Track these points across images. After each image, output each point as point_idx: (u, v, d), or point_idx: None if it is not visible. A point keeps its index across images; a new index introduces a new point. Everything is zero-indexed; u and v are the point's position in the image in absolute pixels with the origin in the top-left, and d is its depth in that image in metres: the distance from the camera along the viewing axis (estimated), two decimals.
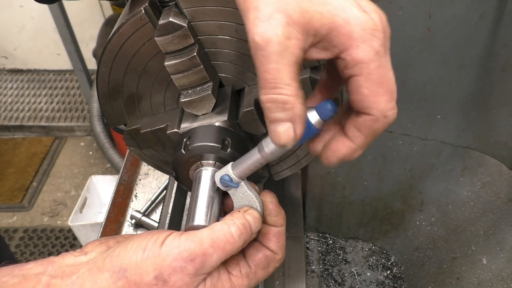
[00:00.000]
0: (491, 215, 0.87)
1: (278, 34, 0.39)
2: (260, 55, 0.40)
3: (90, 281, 0.45)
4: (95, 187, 2.50)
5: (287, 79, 0.40)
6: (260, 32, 0.39)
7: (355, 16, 0.40)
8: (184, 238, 0.46)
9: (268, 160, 0.50)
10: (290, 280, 0.90)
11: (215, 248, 0.46)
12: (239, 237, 0.48)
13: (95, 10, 3.40)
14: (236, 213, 0.51)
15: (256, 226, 0.51)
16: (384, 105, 0.41)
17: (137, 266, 0.45)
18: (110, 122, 0.67)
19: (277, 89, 0.40)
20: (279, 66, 0.40)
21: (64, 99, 3.66)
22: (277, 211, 0.54)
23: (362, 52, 0.40)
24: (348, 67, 0.41)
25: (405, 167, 0.93)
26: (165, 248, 0.46)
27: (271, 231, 0.54)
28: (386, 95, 0.41)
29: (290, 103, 0.41)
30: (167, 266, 0.45)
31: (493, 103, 0.80)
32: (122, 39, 0.56)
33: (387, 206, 1.02)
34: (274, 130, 0.43)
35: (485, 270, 0.83)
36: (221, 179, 0.52)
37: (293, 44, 0.40)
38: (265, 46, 0.39)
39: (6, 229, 2.78)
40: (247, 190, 0.53)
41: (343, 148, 0.46)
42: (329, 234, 1.11)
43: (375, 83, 0.41)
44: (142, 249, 0.46)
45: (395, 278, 1.03)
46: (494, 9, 0.68)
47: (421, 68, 0.76)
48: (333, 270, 1.05)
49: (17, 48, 3.77)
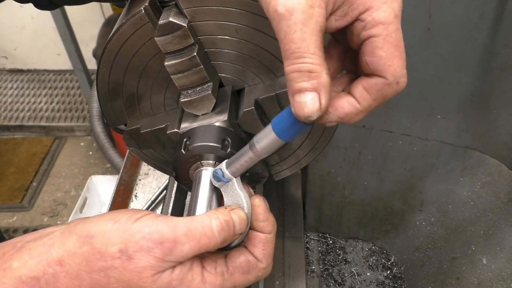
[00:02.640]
0: (491, 215, 0.87)
1: (302, 3, 0.39)
2: (284, 25, 0.40)
3: (59, 242, 0.45)
4: (95, 187, 2.50)
5: (312, 48, 0.39)
6: (284, 2, 0.39)
7: None
8: (159, 220, 0.45)
9: (260, 157, 0.49)
10: (290, 280, 0.90)
11: (189, 237, 0.44)
12: (219, 232, 0.46)
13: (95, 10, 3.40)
14: (222, 209, 0.49)
15: (241, 227, 0.49)
16: (399, 70, 0.41)
17: (104, 235, 0.44)
18: (110, 122, 0.67)
19: (302, 58, 0.40)
20: (305, 35, 0.39)
21: (64, 99, 3.66)
22: (265, 216, 0.52)
23: (383, 13, 0.40)
24: (367, 27, 0.41)
25: (405, 167, 0.93)
26: (137, 224, 0.44)
27: (258, 237, 0.51)
28: (401, 59, 0.41)
29: (316, 71, 0.40)
30: (134, 242, 0.43)
31: (493, 103, 0.80)
32: (122, 39, 0.56)
33: (387, 206, 1.02)
34: (298, 101, 0.41)
35: (485, 270, 0.83)
36: (214, 173, 0.52)
37: (317, 12, 0.39)
38: (289, 15, 0.39)
39: (6, 229, 2.78)
40: (237, 188, 0.52)
41: (347, 106, 0.43)
42: (329, 234, 1.11)
43: (393, 45, 0.40)
44: (114, 221, 0.45)
45: (395, 278, 1.03)
46: (494, 9, 0.68)
47: (421, 68, 0.76)
48: (333, 270, 1.05)
49: (17, 48, 3.77)
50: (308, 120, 0.42)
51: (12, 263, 0.44)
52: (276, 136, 0.46)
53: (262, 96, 0.59)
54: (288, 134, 0.45)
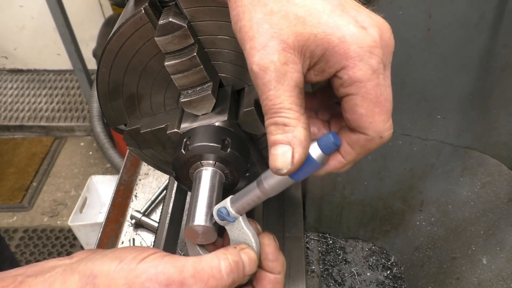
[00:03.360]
0: (491, 215, 0.87)
1: (274, 61, 0.39)
2: (260, 83, 0.40)
3: (60, 281, 0.43)
4: (95, 187, 2.50)
5: (287, 104, 0.40)
6: (257, 61, 0.39)
7: (351, 34, 0.39)
8: (166, 260, 0.43)
9: (268, 195, 0.47)
10: (290, 280, 0.90)
11: (196, 279, 0.42)
12: (227, 274, 0.44)
13: (95, 10, 3.40)
14: (231, 248, 0.47)
15: (251, 268, 0.47)
16: (380, 126, 0.40)
17: (108, 275, 0.42)
18: (110, 122, 0.67)
19: (278, 113, 0.40)
20: (278, 92, 0.39)
21: (64, 99, 3.66)
22: (275, 256, 0.50)
23: (359, 71, 0.39)
24: (344, 85, 0.40)
25: (405, 167, 0.93)
26: (143, 265, 0.43)
27: (267, 277, 0.49)
28: (382, 115, 0.40)
29: (290, 125, 0.40)
30: (139, 284, 0.41)
31: (493, 103, 0.80)
32: (122, 39, 0.56)
33: (387, 206, 1.02)
34: (271, 153, 0.41)
35: (485, 270, 0.83)
36: (218, 212, 0.50)
37: (291, 68, 0.39)
38: (263, 74, 0.39)
39: (6, 229, 2.78)
40: (243, 226, 0.49)
41: (332, 162, 0.44)
42: (329, 234, 1.11)
43: (372, 102, 0.39)
44: (118, 260, 0.43)
45: (395, 278, 1.03)
46: (494, 9, 0.68)
47: (421, 68, 0.76)
48: (333, 270, 1.05)
49: (17, 48, 3.77)
50: (279, 173, 0.41)
51: None
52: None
53: None
54: (299, 174, 0.43)
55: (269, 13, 0.40)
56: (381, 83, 0.40)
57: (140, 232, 1.07)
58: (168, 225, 0.89)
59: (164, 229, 0.88)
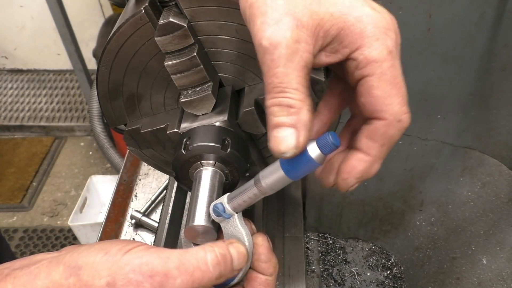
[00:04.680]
0: (491, 215, 0.87)
1: (287, 37, 0.38)
2: (268, 59, 0.39)
3: (45, 272, 0.42)
4: (95, 187, 2.50)
5: (294, 83, 0.38)
6: (268, 35, 0.38)
7: (368, 14, 0.38)
8: (151, 251, 0.42)
9: (265, 194, 0.47)
10: (290, 280, 0.90)
11: (181, 271, 0.41)
12: (213, 266, 0.43)
13: (95, 10, 3.40)
14: (219, 242, 0.46)
15: (239, 262, 0.46)
16: (397, 108, 0.39)
17: (93, 266, 0.41)
18: (110, 122, 0.67)
19: (284, 92, 0.39)
20: (287, 70, 0.38)
21: (64, 99, 3.66)
22: (268, 257, 0.49)
23: (375, 51, 0.38)
24: (360, 67, 0.39)
25: (405, 167, 0.93)
26: (127, 256, 0.42)
27: (258, 279, 0.48)
28: (399, 97, 0.39)
29: (296, 107, 0.39)
30: (122, 275, 0.40)
31: (493, 103, 0.80)
32: (122, 39, 0.56)
33: (387, 206, 1.02)
34: (274, 136, 0.40)
35: (485, 270, 0.83)
36: (214, 208, 0.50)
37: (303, 47, 0.38)
38: (273, 49, 0.38)
39: (6, 229, 2.78)
40: (238, 224, 0.49)
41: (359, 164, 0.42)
42: (329, 234, 1.11)
43: (388, 83, 0.39)
44: (104, 252, 0.42)
45: (395, 278, 1.03)
46: (494, 9, 0.68)
47: (421, 68, 0.76)
48: (333, 270, 1.05)
49: (17, 48, 3.77)
50: (283, 157, 0.40)
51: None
52: (284, 174, 0.44)
53: (262, 96, 0.58)
54: (298, 173, 0.43)
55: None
56: (396, 66, 0.39)
57: (140, 232, 1.07)
58: (168, 225, 0.89)
59: (164, 229, 0.89)
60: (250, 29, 0.41)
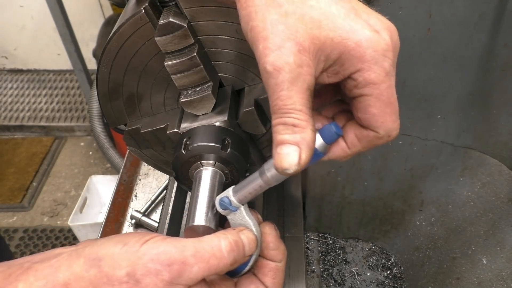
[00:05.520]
0: (491, 215, 0.87)
1: (290, 62, 0.39)
2: (272, 83, 0.40)
3: (66, 265, 0.44)
4: (95, 187, 2.50)
5: (298, 105, 0.40)
6: (271, 61, 0.40)
7: (367, 38, 0.40)
8: (167, 241, 0.44)
9: (270, 185, 0.48)
10: (290, 280, 0.90)
11: (197, 258, 0.43)
12: (228, 253, 0.45)
13: (95, 10, 3.40)
14: (230, 230, 0.49)
15: (250, 248, 0.48)
16: (390, 125, 0.42)
17: (113, 258, 0.43)
18: (110, 122, 0.67)
19: (288, 113, 0.41)
20: (291, 93, 0.40)
21: (64, 99, 3.66)
22: (276, 244, 0.51)
23: (374, 74, 0.40)
24: (359, 87, 0.41)
25: (405, 167, 0.93)
26: (145, 246, 0.44)
27: (268, 265, 0.50)
28: (393, 115, 0.42)
29: (300, 126, 0.41)
30: (142, 265, 0.42)
31: (493, 103, 0.80)
32: (122, 39, 0.56)
33: (387, 206, 1.02)
34: (278, 153, 0.41)
35: (485, 270, 0.83)
36: (220, 201, 0.51)
37: (305, 71, 0.40)
38: (276, 74, 0.40)
39: (6, 229, 2.78)
40: (245, 216, 0.50)
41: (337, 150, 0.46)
42: (329, 234, 1.11)
43: (384, 103, 0.41)
44: (122, 244, 0.44)
45: (395, 278, 1.03)
46: (494, 9, 0.68)
47: (421, 68, 0.76)
48: (333, 270, 1.05)
49: (17, 48, 3.77)
50: (286, 173, 0.42)
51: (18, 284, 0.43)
52: None
53: (262, 96, 0.59)
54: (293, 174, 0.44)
55: (284, 14, 0.40)
56: (392, 85, 0.42)
57: None
58: (168, 225, 0.89)
59: (164, 229, 0.89)
60: (253, 50, 0.42)
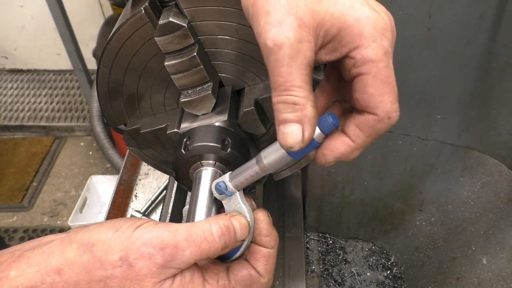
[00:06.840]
0: (491, 215, 0.87)
1: (290, 38, 0.39)
2: (272, 59, 0.40)
3: (58, 251, 0.44)
4: (95, 187, 2.50)
5: (298, 82, 0.40)
6: (272, 36, 0.39)
7: (366, 15, 0.40)
8: (159, 226, 0.45)
9: (266, 172, 0.49)
10: (290, 280, 0.90)
11: (189, 242, 0.44)
12: (219, 237, 0.46)
13: (95, 10, 3.40)
14: (222, 215, 0.49)
15: (242, 234, 0.49)
16: (389, 106, 0.42)
17: (105, 243, 0.44)
18: (110, 122, 0.67)
19: (288, 91, 0.40)
20: (291, 69, 0.40)
21: (64, 99, 3.66)
22: (269, 231, 0.52)
23: (372, 51, 0.40)
24: (357, 65, 0.41)
25: (405, 167, 0.93)
26: (138, 231, 0.44)
27: (260, 251, 0.51)
28: (391, 95, 0.41)
29: (300, 104, 0.41)
30: (135, 249, 0.43)
31: (493, 103, 0.80)
32: (122, 39, 0.56)
33: (387, 206, 1.02)
34: (282, 132, 0.42)
35: (485, 270, 0.83)
36: (217, 186, 0.52)
37: (305, 46, 0.40)
38: (277, 50, 0.39)
39: (6, 229, 2.78)
40: (240, 201, 0.51)
41: (341, 146, 0.45)
42: (329, 234, 1.11)
43: (383, 82, 0.41)
44: (115, 229, 0.45)
45: (395, 278, 1.03)
46: (494, 9, 0.68)
47: (421, 68, 0.76)
48: (333, 270, 1.05)
49: (17, 48, 3.77)
50: (291, 150, 0.42)
51: (10, 272, 0.43)
52: (285, 152, 0.45)
53: (262, 96, 0.59)
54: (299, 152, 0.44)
55: None
56: (390, 66, 0.41)
57: None
58: None
59: None
60: (253, 27, 0.42)
